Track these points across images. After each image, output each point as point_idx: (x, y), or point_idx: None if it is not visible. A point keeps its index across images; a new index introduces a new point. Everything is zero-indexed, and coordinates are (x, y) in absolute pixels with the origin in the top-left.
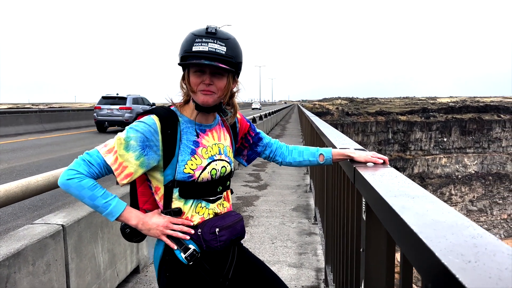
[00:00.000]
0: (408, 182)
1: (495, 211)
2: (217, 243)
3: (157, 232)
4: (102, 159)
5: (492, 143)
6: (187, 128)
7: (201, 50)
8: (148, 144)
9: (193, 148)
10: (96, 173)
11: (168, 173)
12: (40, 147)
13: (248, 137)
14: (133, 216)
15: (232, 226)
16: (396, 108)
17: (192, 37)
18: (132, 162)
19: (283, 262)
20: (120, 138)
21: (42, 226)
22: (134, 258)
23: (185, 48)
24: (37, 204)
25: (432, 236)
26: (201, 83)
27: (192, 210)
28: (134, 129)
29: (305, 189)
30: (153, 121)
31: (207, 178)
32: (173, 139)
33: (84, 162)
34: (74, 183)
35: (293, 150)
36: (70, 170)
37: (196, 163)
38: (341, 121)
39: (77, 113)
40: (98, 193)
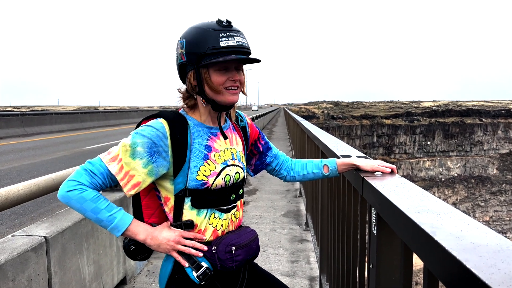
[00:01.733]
0: (427, 195)
1: (478, 213)
2: (233, 263)
3: (167, 248)
4: (105, 168)
5: (474, 146)
6: (198, 131)
7: (231, 45)
8: (157, 150)
9: (206, 152)
10: (100, 184)
11: (179, 181)
12: (22, 151)
13: (258, 144)
14: (141, 230)
15: (249, 245)
16: (381, 111)
17: (215, 33)
18: (140, 170)
19: (275, 270)
20: (126, 144)
21: (23, 238)
22: (121, 269)
23: (209, 44)
24: (18, 212)
25: (481, 265)
26: (227, 80)
27: (205, 221)
28: (140, 134)
29: (294, 194)
30: (161, 125)
31: (220, 185)
32: (184, 143)
33: (86, 172)
34: (75, 195)
35: (296, 164)
36: (71, 181)
37: (209, 169)
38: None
39: (60, 116)
40: (101, 206)
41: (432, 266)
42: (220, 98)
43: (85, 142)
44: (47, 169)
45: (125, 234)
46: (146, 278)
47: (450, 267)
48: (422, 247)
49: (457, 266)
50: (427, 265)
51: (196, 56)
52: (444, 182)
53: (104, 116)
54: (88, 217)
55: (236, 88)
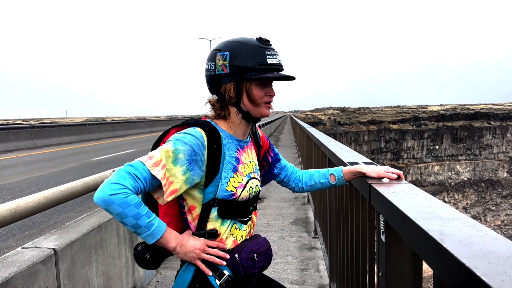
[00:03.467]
0: (435, 201)
1: (489, 218)
2: (255, 270)
3: (193, 256)
4: (148, 172)
5: (483, 149)
6: (229, 143)
7: (275, 63)
8: (195, 158)
9: (235, 164)
10: (141, 188)
11: (210, 190)
12: (31, 164)
13: (268, 156)
14: (173, 238)
15: (266, 251)
16: (388, 117)
17: (260, 49)
18: (179, 177)
19: (284, 279)
20: (168, 150)
21: (33, 250)
22: (130, 279)
23: (255, 60)
24: (28, 224)
25: (491, 273)
26: (266, 96)
27: (227, 231)
28: (182, 141)
29: (302, 201)
30: (201, 134)
31: (245, 197)
32: (218, 154)
33: (129, 175)
34: (119, 199)
35: (304, 175)
36: (114, 184)
37: (238, 181)
38: (334, 130)
39: (69, 128)
40: (143, 212)
41: (441, 274)
42: (256, 110)
43: (93, 153)
44: (56, 181)
45: (159, 241)
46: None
47: (460, 275)
48: (431, 254)
49: (466, 274)
50: (436, 272)
51: (242, 69)
52: (454, 187)
53: (112, 127)
54: (126, 222)
55: (271, 102)
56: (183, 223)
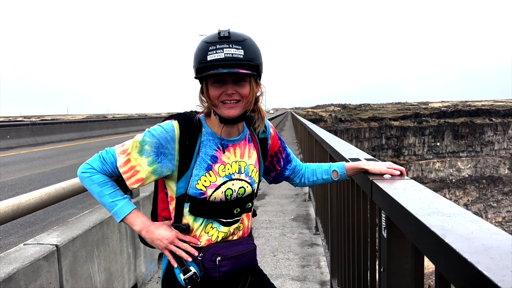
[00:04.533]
0: (437, 196)
1: (490, 214)
2: (216, 273)
3: (160, 245)
4: (115, 158)
5: (484, 146)
6: (208, 140)
7: (217, 58)
8: (163, 151)
9: (210, 163)
10: (109, 172)
11: (181, 185)
12: (32, 161)
13: (280, 157)
14: (138, 222)
15: (238, 257)
16: (389, 113)
17: (205, 45)
18: (145, 167)
19: (286, 275)
20: (136, 140)
21: (35, 247)
22: (132, 276)
23: (199, 58)
24: (30, 220)
25: (492, 267)
26: (223, 94)
27: (201, 229)
28: (151, 133)
29: (303, 198)
30: (172, 128)
31: (220, 198)
32: (191, 150)
33: (99, 158)
34: (86, 177)
35: (306, 170)
36: (86, 164)
37: (210, 180)
38: (335, 127)
39: (70, 125)
40: (106, 191)
41: (443, 269)
42: (219, 111)
43: (95, 150)
44: (58, 178)
45: (124, 221)
46: (157, 284)
47: (462, 270)
48: (432, 249)
49: (468, 269)
50: (438, 268)
51: (194, 70)
52: (455, 183)
53: (113, 124)
54: (97, 199)
55: (233, 101)
56: None
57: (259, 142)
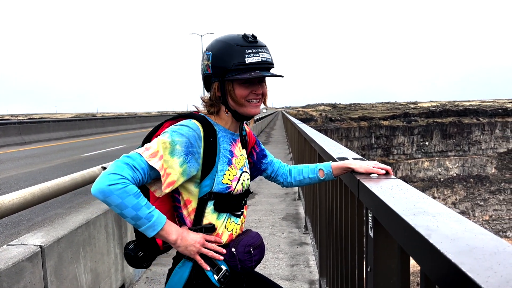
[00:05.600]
0: (423, 196)
1: (477, 213)
2: (252, 263)
3: (193, 250)
4: (146, 163)
5: (472, 145)
6: (223, 136)
7: (255, 62)
8: (192, 150)
9: (230, 157)
10: (140, 180)
11: (207, 183)
12: (19, 160)
13: (253, 152)
14: (173, 230)
15: (261, 245)
16: (378, 113)
17: (240, 49)
18: (176, 169)
19: (275, 275)
20: (165, 141)
21: (19, 248)
22: (119, 276)
23: (235, 60)
24: (15, 221)
25: (477, 268)
26: (250, 94)
27: (223, 226)
28: (179, 132)
29: (293, 197)
30: (197, 126)
31: (240, 190)
32: (214, 147)
33: (128, 166)
34: (117, 189)
35: (293, 169)
36: (113, 175)
37: (233, 174)
38: (325, 127)
39: (58, 124)
40: (142, 202)
41: (428, 270)
42: (242, 110)
43: (83, 149)
44: (45, 177)
45: (159, 233)
46: (145, 285)
47: (446, 271)
48: (418, 250)
49: (452, 270)
50: (423, 268)
51: (222, 70)
52: (443, 182)
53: (102, 123)
54: (125, 213)
55: (257, 100)
56: (175, 219)
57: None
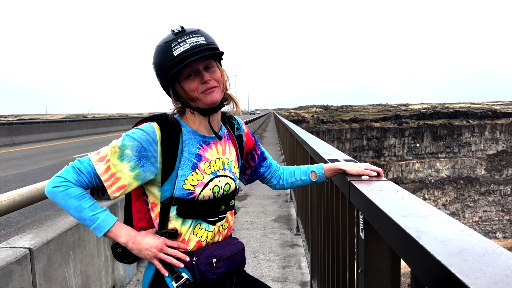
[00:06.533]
0: (413, 198)
1: (467, 214)
2: (213, 276)
3: (149, 254)
4: (92, 167)
5: (462, 147)
6: (190, 139)
7: (184, 50)
8: (145, 154)
9: (195, 162)
10: (86, 183)
11: (166, 188)
12: (9, 161)
13: (254, 154)
14: (123, 233)
15: (232, 257)
16: (370, 115)
17: (166, 45)
18: (126, 173)
19: (266, 276)
20: (115, 146)
21: (7, 250)
22: (110, 278)
23: (165, 58)
24: (4, 223)
25: (465, 269)
26: (200, 85)
27: (190, 232)
28: (131, 136)
29: (285, 198)
30: (153, 129)
31: (208, 196)
32: (174, 151)
33: (73, 169)
34: (59, 191)
35: (285, 171)
36: (58, 177)
37: (197, 179)
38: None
39: (48, 125)
40: (85, 204)
41: (418, 271)
42: (200, 103)
43: (74, 150)
44: (35, 179)
45: (107, 235)
46: (135, 287)
47: (435, 272)
48: (408, 251)
49: (442, 271)
50: (413, 270)
51: (163, 74)
52: (434, 184)
53: (93, 124)
54: (72, 214)
55: (211, 87)
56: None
57: (236, 139)
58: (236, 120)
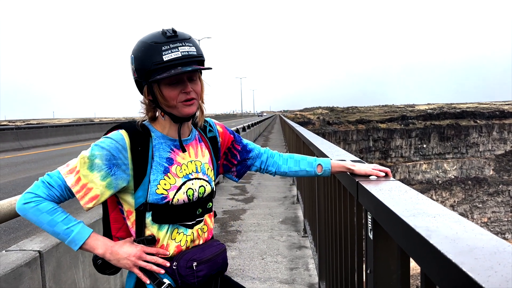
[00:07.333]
0: (422, 197)
1: (476, 215)
2: (194, 279)
3: (128, 263)
4: (62, 180)
5: (469, 148)
6: (160, 144)
7: (175, 57)
8: (116, 162)
9: (166, 166)
10: (57, 196)
11: (140, 195)
12: (17, 165)
13: (235, 151)
14: (99, 244)
15: (212, 259)
16: (376, 116)
17: (156, 46)
18: (98, 183)
19: (274, 278)
20: (84, 156)
21: (17, 253)
22: (118, 281)
23: (152, 60)
24: (14, 226)
25: (477, 268)
26: (181, 93)
27: (167, 237)
28: (99, 146)
29: (292, 200)
30: (121, 137)
31: (183, 200)
32: (145, 156)
33: (43, 184)
34: (30, 207)
35: (289, 159)
36: (28, 194)
37: (169, 183)
38: (323, 130)
39: (56, 129)
40: (58, 218)
41: (428, 271)
42: (176, 111)
43: None
44: None
45: (83, 248)
46: None
47: (446, 271)
48: (418, 251)
49: (453, 270)
50: (424, 269)
51: (144, 72)
52: (441, 185)
53: (100, 128)
54: (45, 229)
55: (191, 99)
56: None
57: (209, 141)
58: (208, 122)
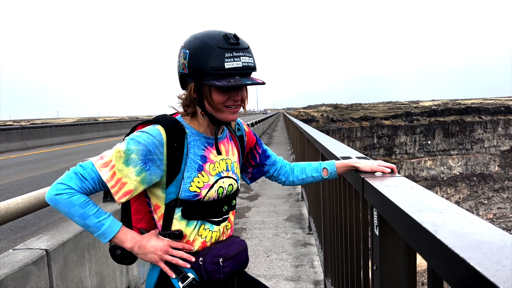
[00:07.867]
0: (428, 193)
1: (481, 211)
2: (220, 275)
3: (155, 257)
4: (97, 173)
5: (474, 144)
6: (195, 141)
7: (235, 67)
8: (151, 158)
9: (201, 163)
10: (90, 189)
11: (172, 190)
12: (22, 165)
13: (255, 153)
14: (128, 238)
15: (237, 256)
16: (380, 113)
17: (219, 51)
18: (133, 178)
19: (279, 276)
20: (120, 150)
21: (24, 252)
22: (124, 279)
23: (213, 64)
24: (20, 225)
25: (485, 262)
26: (229, 100)
27: (194, 233)
28: (136, 140)
29: (296, 198)
30: (158, 132)
31: (213, 197)
32: (180, 153)
33: (76, 175)
34: (63, 199)
35: (295, 168)
36: (60, 184)
37: (203, 181)
38: (327, 127)
39: (60, 128)
40: (90, 211)
41: (435, 266)
42: (219, 115)
43: (86, 153)
44: (48, 182)
45: (112, 241)
46: None
47: (454, 266)
48: (424, 246)
49: (460, 264)
50: (431, 264)
51: (199, 72)
52: (446, 181)
53: (104, 127)
54: (75, 222)
55: (236, 106)
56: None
57: (238, 139)
58: (236, 121)
